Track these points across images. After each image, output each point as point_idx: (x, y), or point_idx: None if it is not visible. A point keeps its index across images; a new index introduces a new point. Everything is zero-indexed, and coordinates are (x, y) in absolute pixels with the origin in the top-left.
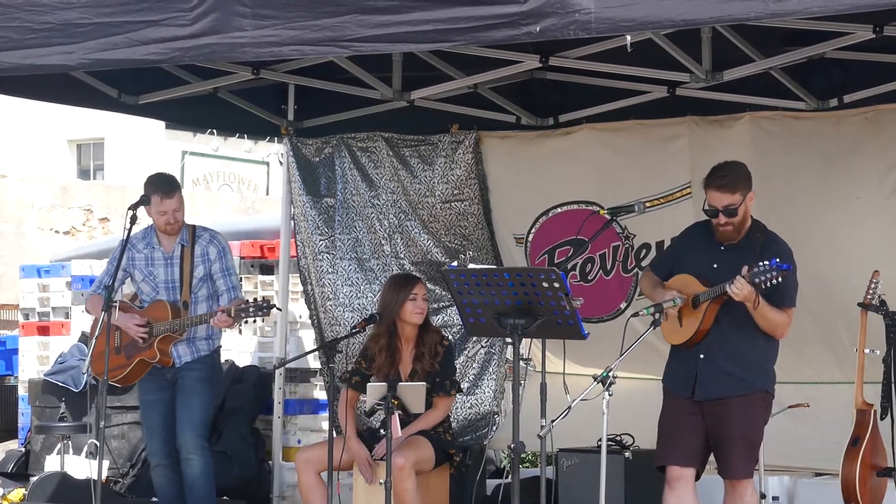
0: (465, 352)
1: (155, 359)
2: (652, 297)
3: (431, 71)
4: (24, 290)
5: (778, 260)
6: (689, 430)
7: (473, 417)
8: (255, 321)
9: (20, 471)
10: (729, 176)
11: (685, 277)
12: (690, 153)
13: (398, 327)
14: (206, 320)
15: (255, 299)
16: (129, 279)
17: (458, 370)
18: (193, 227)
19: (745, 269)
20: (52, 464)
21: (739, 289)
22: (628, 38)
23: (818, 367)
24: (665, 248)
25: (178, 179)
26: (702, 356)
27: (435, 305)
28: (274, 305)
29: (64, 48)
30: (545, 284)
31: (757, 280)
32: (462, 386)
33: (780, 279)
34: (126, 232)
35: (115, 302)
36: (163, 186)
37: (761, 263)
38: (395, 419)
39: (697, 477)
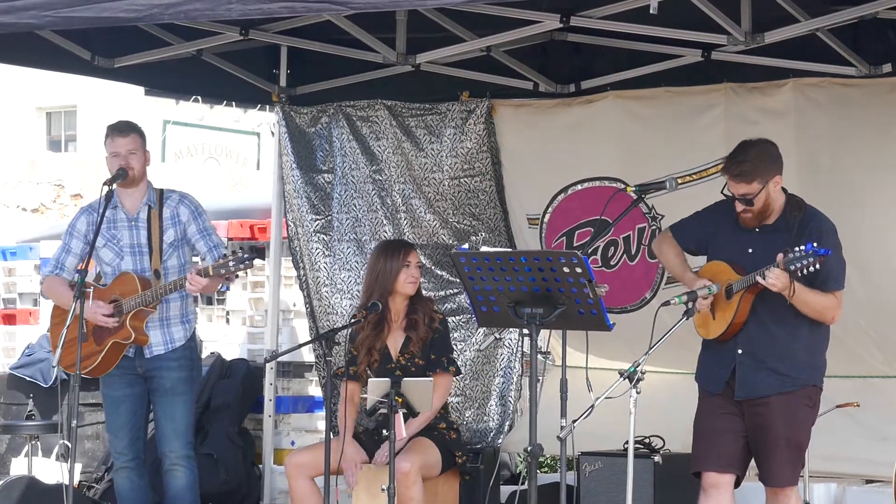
0: (476, 344)
1: (130, 338)
2: (672, 269)
3: (439, 32)
4: None
5: (815, 244)
6: (728, 431)
7: (484, 418)
8: (233, 281)
9: None
10: (747, 163)
11: (717, 265)
12: (726, 124)
13: (388, 302)
14: (180, 285)
15: (234, 251)
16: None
17: (465, 364)
18: (161, 189)
19: (779, 257)
20: (18, 467)
21: (776, 279)
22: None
23: (864, 360)
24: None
25: (160, 152)
26: (740, 351)
27: (442, 293)
28: (256, 256)
29: (29, 3)
30: (566, 269)
31: (792, 268)
32: (474, 385)
33: (818, 265)
34: (101, 209)
35: (89, 288)
36: (116, 126)
37: (797, 249)
38: (399, 418)
39: (737, 484)
